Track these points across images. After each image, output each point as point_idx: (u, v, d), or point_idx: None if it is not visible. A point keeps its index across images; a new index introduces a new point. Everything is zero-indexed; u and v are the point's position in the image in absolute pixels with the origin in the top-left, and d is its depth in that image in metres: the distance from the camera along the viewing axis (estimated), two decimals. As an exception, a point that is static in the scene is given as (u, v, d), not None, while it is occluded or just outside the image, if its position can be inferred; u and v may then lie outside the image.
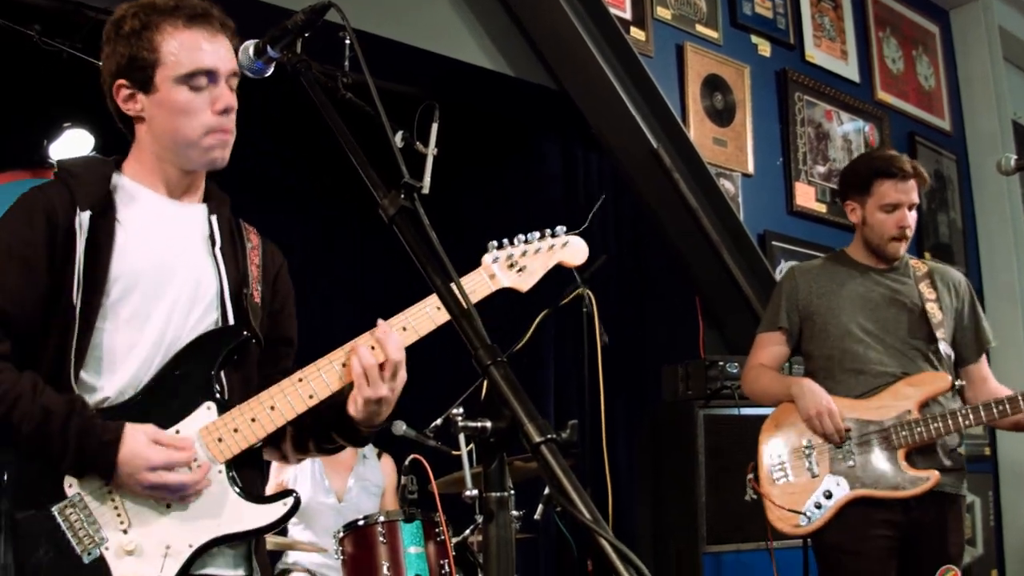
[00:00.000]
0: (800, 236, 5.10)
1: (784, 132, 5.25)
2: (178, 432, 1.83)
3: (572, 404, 4.97)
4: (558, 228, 2.11)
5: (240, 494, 1.86)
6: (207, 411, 1.86)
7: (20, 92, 4.31)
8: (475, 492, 2.94)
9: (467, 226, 5.04)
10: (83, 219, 1.84)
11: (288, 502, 1.88)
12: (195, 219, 2.01)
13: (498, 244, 2.06)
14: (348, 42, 2.63)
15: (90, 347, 1.82)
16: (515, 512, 3.21)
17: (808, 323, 3.36)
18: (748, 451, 3.32)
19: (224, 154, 1.96)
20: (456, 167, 4.86)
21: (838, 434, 3.14)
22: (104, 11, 3.51)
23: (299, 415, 1.89)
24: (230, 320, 1.95)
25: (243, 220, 2.13)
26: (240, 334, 1.94)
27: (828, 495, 3.14)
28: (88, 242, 1.83)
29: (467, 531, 3.48)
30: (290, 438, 2.07)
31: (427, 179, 3.91)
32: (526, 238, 2.09)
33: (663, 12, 4.76)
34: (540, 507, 3.41)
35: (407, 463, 3.29)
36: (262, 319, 2.02)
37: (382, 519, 3.29)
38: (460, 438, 2.92)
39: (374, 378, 1.85)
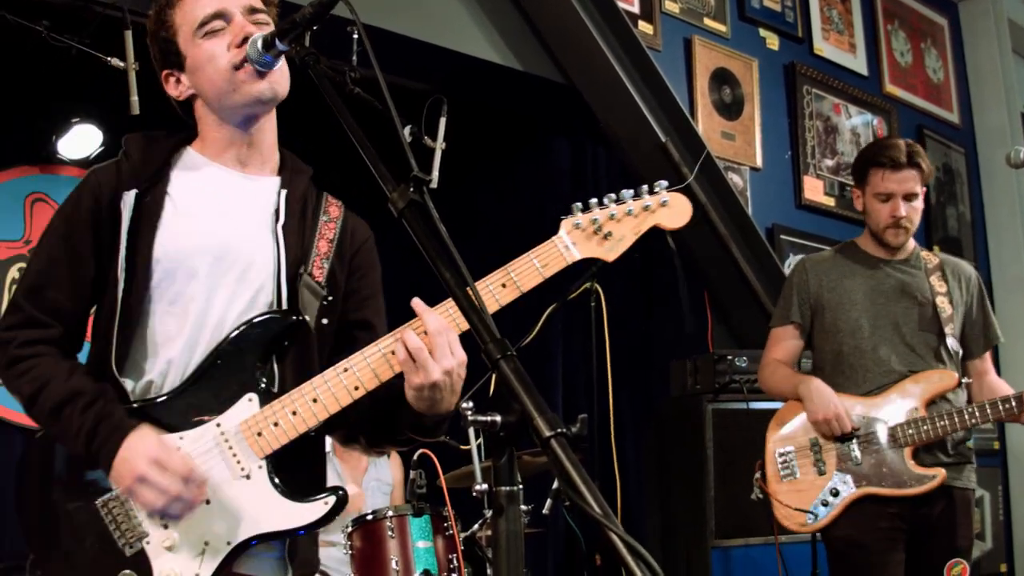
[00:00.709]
0: (808, 230, 5.09)
1: (792, 126, 5.24)
2: (219, 425, 1.76)
3: (580, 398, 4.96)
4: (659, 183, 1.84)
5: (281, 491, 1.76)
6: (248, 403, 1.77)
7: (28, 88, 4.32)
8: (484, 486, 2.93)
9: (481, 220, 5.04)
10: (128, 199, 1.81)
11: (330, 501, 1.77)
12: (263, 193, 1.91)
13: (583, 206, 1.83)
14: (356, 36, 2.62)
15: (136, 330, 1.79)
16: (524, 507, 3.21)
17: (818, 316, 3.36)
18: (757, 445, 3.32)
19: (261, 87, 1.81)
20: (470, 162, 4.86)
21: (845, 436, 3.14)
22: (112, 7, 3.51)
23: (343, 408, 1.76)
24: (284, 303, 1.84)
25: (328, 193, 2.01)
26: (288, 319, 1.82)
27: (835, 493, 3.14)
28: (132, 221, 1.80)
29: (476, 525, 3.48)
30: (339, 433, 1.97)
31: (435, 173, 3.92)
32: (617, 197, 1.84)
33: (671, 6, 4.76)
34: (548, 502, 3.41)
35: (416, 457, 3.29)
36: (327, 301, 1.88)
37: (391, 513, 3.28)
38: (469, 432, 2.91)
39: (422, 361, 1.67)
